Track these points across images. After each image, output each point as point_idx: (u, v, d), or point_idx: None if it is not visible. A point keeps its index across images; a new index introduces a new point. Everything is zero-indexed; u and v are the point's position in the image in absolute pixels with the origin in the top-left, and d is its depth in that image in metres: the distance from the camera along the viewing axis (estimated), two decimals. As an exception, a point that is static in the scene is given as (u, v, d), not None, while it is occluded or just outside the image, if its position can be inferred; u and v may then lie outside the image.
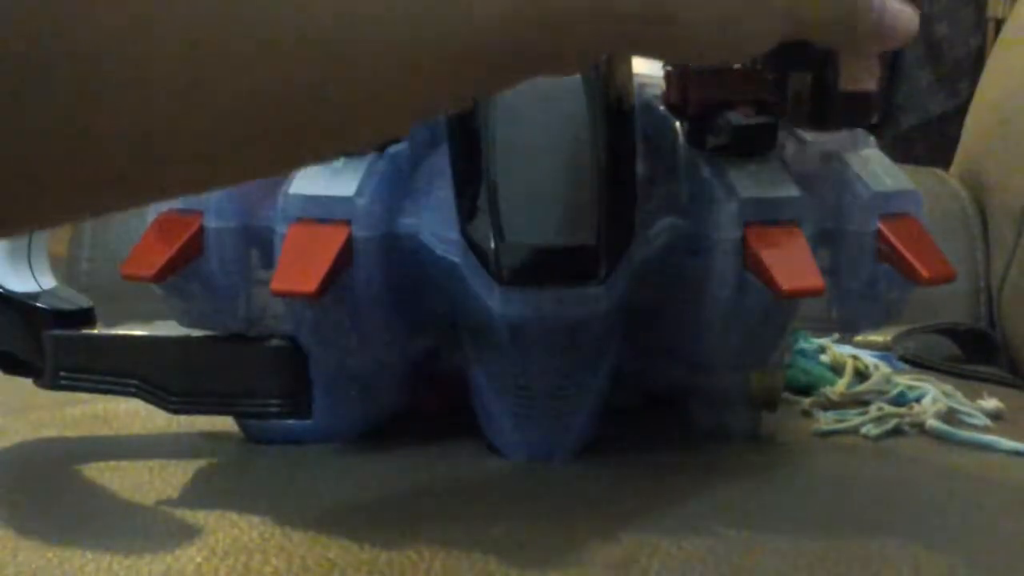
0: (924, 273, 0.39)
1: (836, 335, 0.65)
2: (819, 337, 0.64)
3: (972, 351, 0.80)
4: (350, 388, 0.46)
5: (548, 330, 0.41)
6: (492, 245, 0.40)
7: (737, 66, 0.42)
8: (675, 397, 0.49)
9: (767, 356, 0.45)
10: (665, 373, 0.47)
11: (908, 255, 0.39)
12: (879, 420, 0.52)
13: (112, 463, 0.45)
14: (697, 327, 0.43)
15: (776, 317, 0.43)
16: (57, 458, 0.46)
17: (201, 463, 0.45)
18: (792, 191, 0.40)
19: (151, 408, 0.47)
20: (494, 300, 0.40)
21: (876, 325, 0.44)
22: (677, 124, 0.44)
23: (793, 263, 0.37)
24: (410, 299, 0.43)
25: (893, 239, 0.40)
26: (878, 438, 0.51)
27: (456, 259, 0.41)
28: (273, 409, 0.47)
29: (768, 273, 0.38)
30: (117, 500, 0.41)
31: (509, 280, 0.40)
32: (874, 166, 0.41)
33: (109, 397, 0.49)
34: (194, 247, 0.43)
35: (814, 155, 0.43)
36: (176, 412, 0.47)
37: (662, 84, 0.45)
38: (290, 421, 0.47)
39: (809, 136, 0.44)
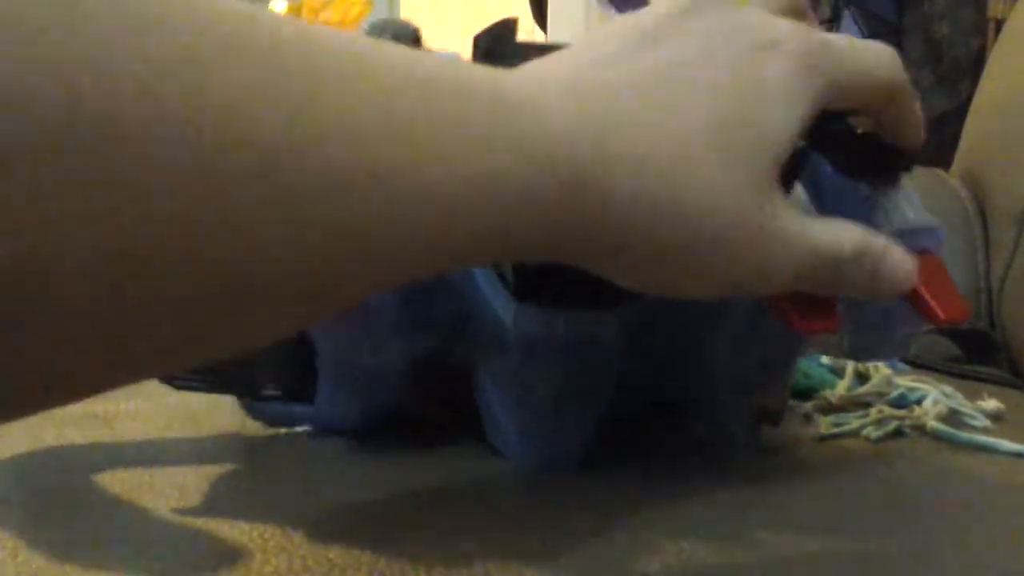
0: (941, 315, 0.38)
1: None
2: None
3: (972, 351, 0.80)
4: (354, 377, 0.46)
5: (558, 346, 0.41)
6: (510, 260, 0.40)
7: None
8: (679, 411, 0.49)
9: (775, 384, 0.45)
10: (670, 389, 0.47)
11: (926, 295, 0.39)
12: (880, 422, 0.52)
13: (112, 464, 0.45)
14: (707, 350, 0.43)
15: (787, 348, 0.42)
16: (57, 458, 0.46)
17: (201, 463, 0.45)
18: None
19: (151, 408, 0.47)
20: (508, 315, 0.40)
21: (886, 357, 0.44)
22: None
23: (809, 297, 0.37)
24: (419, 299, 0.43)
25: None
26: (879, 440, 0.51)
27: (473, 267, 0.41)
28: (276, 392, 0.46)
29: (784, 310, 0.37)
30: (117, 500, 0.41)
31: (525, 296, 0.40)
32: (899, 199, 0.41)
33: (109, 397, 0.49)
34: None
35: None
36: (179, 388, 0.46)
37: None
38: (293, 405, 0.47)
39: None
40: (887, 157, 0.39)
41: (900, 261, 0.35)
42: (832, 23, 1.70)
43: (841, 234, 0.33)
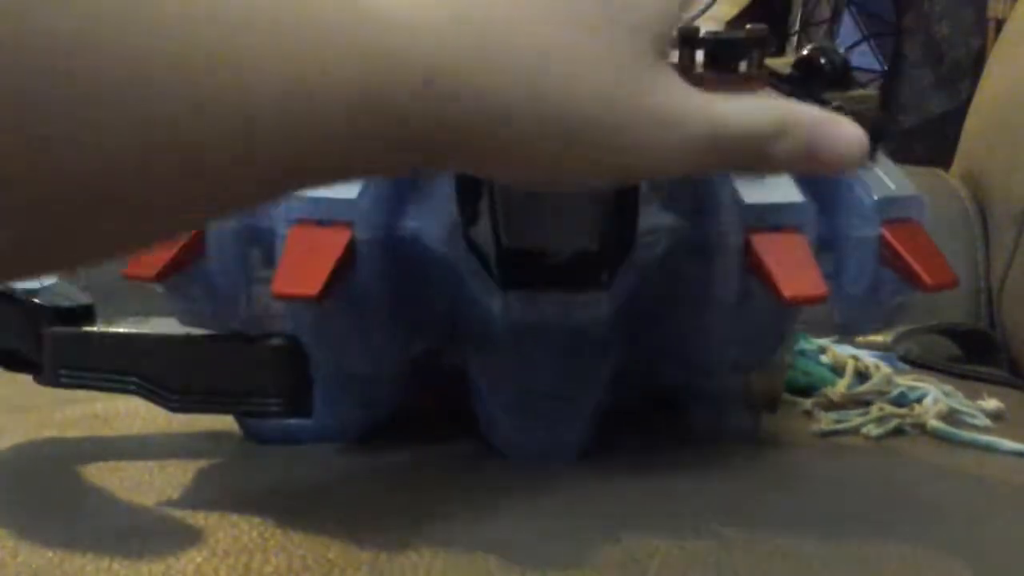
0: (927, 279, 0.39)
1: (836, 335, 0.65)
2: (819, 338, 0.64)
3: (972, 351, 0.80)
4: (350, 388, 0.46)
5: (550, 334, 0.41)
6: (494, 249, 0.40)
7: (743, 68, 0.42)
8: (675, 398, 0.49)
9: (767, 359, 0.45)
10: (665, 374, 0.48)
11: (911, 261, 0.39)
12: (880, 420, 0.52)
13: (112, 463, 0.45)
14: (698, 330, 0.43)
15: (777, 321, 0.43)
16: (57, 458, 0.46)
17: (201, 463, 0.45)
18: (796, 196, 0.40)
19: (151, 408, 0.47)
20: (496, 304, 0.40)
21: (877, 329, 0.44)
22: None
23: (796, 269, 0.37)
24: (411, 301, 0.43)
25: (896, 245, 0.40)
26: (879, 438, 0.51)
27: (458, 262, 0.41)
28: (274, 408, 0.46)
29: (771, 279, 0.38)
30: (117, 500, 0.41)
31: (511, 285, 0.40)
32: (878, 171, 0.41)
33: (109, 397, 0.49)
34: (196, 247, 0.43)
35: None
36: (176, 410, 0.47)
37: None
38: (290, 420, 0.47)
39: None
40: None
41: (843, 128, 0.31)
42: (831, 23, 1.70)
43: (757, 110, 0.31)
